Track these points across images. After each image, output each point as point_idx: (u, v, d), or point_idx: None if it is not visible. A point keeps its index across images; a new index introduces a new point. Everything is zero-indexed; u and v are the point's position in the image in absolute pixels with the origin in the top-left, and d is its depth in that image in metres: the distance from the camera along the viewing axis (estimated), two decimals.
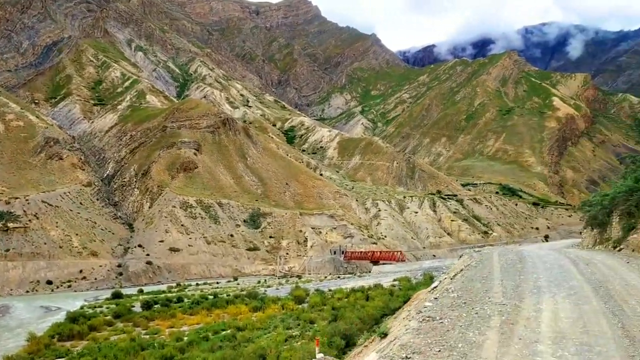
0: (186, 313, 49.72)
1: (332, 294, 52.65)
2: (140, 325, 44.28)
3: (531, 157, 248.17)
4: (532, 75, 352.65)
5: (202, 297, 61.18)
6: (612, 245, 24.76)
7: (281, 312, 43.99)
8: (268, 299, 51.98)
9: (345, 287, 58.60)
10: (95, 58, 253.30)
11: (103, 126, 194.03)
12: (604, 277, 15.26)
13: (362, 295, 47.13)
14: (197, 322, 44.11)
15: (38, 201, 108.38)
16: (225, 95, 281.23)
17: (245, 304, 50.86)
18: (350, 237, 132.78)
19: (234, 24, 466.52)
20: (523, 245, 55.91)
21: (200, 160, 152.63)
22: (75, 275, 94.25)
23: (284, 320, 38.71)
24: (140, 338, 36.98)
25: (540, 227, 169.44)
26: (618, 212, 25.51)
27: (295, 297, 51.83)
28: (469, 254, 26.76)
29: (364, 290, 51.13)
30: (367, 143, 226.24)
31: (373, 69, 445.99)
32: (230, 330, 37.04)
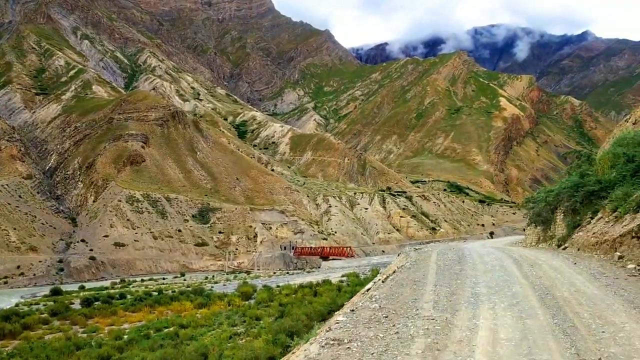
0: (128, 310, 48.07)
1: (279, 290, 52.07)
2: (79, 323, 42.47)
3: (478, 155, 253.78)
4: (481, 76, 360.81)
5: (146, 293, 59.40)
6: (557, 243, 23.83)
7: (227, 309, 43.13)
8: (214, 295, 50.96)
9: (293, 283, 58.11)
10: (37, 45, 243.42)
11: (46, 117, 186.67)
12: (551, 281, 13.81)
13: (310, 291, 46.75)
14: (139, 320, 42.64)
15: None
16: (175, 87, 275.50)
17: (190, 301, 49.62)
18: (300, 232, 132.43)
19: (186, 15, 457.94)
20: (468, 242, 52.47)
21: (148, 154, 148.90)
22: (13, 271, 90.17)
23: (229, 317, 37.91)
24: (77, 337, 35.41)
25: (486, 224, 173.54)
26: (562, 208, 24.72)
27: (242, 294, 51.00)
28: (406, 253, 25.56)
29: (312, 286, 50.74)
30: (319, 139, 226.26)
31: (326, 65, 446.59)
32: (173, 328, 35.95)
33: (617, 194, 18.28)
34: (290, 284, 55.09)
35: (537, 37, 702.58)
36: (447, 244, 44.47)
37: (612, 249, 16.27)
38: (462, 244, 45.49)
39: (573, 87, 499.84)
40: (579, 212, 22.44)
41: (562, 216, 24.77)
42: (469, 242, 50.55)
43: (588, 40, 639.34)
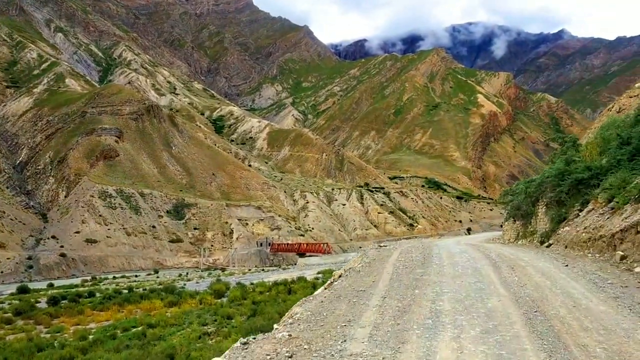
0: (96, 309, 46.30)
1: (253, 287, 50.83)
2: (43, 323, 40.67)
3: (456, 151, 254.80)
4: (459, 73, 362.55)
5: (116, 291, 57.60)
6: (539, 239, 21.98)
7: (198, 307, 41.83)
8: (186, 293, 49.41)
9: (267, 280, 56.96)
10: (9, 37, 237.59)
11: (17, 110, 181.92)
12: (539, 291, 10.45)
13: (285, 288, 45.77)
14: (106, 319, 41.00)
15: None
16: (151, 81, 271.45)
17: (160, 299, 48.06)
18: (277, 229, 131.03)
19: (162, 9, 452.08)
20: (442, 239, 49.43)
21: (122, 148, 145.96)
22: None
23: (200, 315, 36.69)
24: (40, 337, 33.75)
25: (464, 220, 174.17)
26: (545, 200, 22.69)
27: (215, 291, 49.70)
28: (364, 251, 23.06)
29: (287, 283, 49.67)
30: (296, 134, 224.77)
31: (304, 61, 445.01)
32: (141, 328, 34.48)
33: (612, 181, 15.98)
34: (264, 282, 53.92)
35: (514, 35, 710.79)
36: (420, 241, 42.74)
37: (610, 247, 13.77)
38: (435, 241, 43.19)
39: (549, 85, 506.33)
40: (564, 204, 20.17)
41: (545, 209, 22.57)
42: (444, 239, 48.94)
43: (564, 38, 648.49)
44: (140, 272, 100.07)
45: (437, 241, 39.01)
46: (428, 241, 38.32)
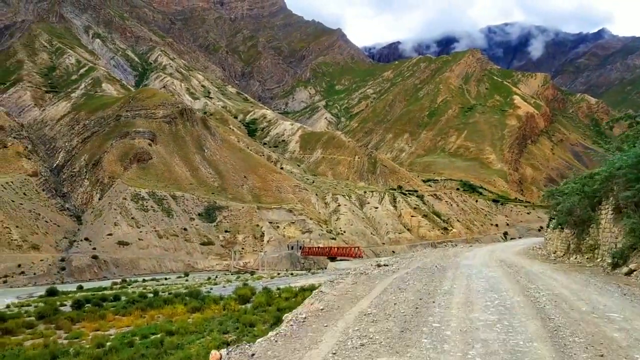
0: (119, 313, 45.62)
1: (279, 293, 49.34)
2: (64, 327, 40.07)
3: (492, 154, 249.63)
4: (494, 74, 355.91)
5: (141, 295, 56.93)
6: (609, 260, 15.62)
7: (222, 314, 40.55)
8: (210, 298, 48.27)
9: (295, 285, 55.50)
10: (49, 44, 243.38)
11: (55, 114, 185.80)
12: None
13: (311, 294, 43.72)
14: (127, 325, 40.11)
15: None
16: (185, 85, 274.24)
17: (184, 304, 47.09)
18: (308, 232, 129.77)
19: (198, 14, 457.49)
20: (473, 248, 42.88)
21: (155, 151, 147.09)
22: (13, 269, 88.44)
23: (222, 323, 35.27)
24: (56, 344, 32.96)
25: (500, 224, 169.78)
26: (615, 202, 16.68)
27: (240, 297, 48.47)
28: (330, 283, 16.29)
29: (314, 289, 47.62)
30: (329, 137, 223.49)
31: (338, 64, 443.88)
32: (160, 335, 33.24)
33: None
34: (291, 287, 52.43)
35: (552, 36, 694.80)
36: (443, 251, 36.91)
37: None
38: (464, 251, 37.98)
39: (589, 86, 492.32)
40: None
41: (613, 215, 16.79)
42: (475, 248, 41.57)
43: (604, 38, 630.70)
44: (170, 275, 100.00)
45: (466, 252, 34.91)
46: (452, 253, 32.47)
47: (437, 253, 33.80)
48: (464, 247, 50.08)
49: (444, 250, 41.85)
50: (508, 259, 23.80)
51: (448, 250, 40.82)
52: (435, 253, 33.34)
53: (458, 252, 32.89)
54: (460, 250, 37.86)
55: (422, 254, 34.24)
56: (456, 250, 39.46)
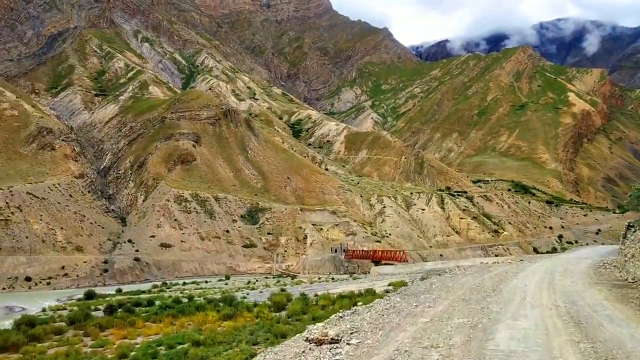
0: (149, 320, 43.76)
1: (316, 300, 46.51)
2: (91, 334, 38.36)
3: (545, 153, 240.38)
4: (547, 70, 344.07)
5: (176, 300, 55.17)
6: None
7: (254, 322, 38.03)
8: (243, 305, 45.81)
9: (334, 291, 52.65)
10: (99, 48, 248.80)
11: (103, 117, 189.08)
12: None
13: (349, 302, 41.18)
14: (155, 333, 38.11)
15: (23, 193, 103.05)
16: (231, 87, 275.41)
17: (217, 311, 44.83)
18: (352, 234, 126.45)
19: (244, 17, 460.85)
20: (525, 265, 37.06)
21: (199, 153, 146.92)
22: (57, 271, 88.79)
23: (252, 332, 32.82)
24: (79, 353, 31.15)
25: (554, 227, 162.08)
26: None
27: (275, 304, 45.97)
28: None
29: (353, 296, 45.07)
30: (374, 137, 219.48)
31: (384, 63, 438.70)
32: (186, 345, 30.98)
33: None
34: (329, 293, 49.61)
35: (608, 30, 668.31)
36: (483, 273, 31.10)
37: None
38: (513, 266, 33.31)
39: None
40: None
41: None
42: (527, 266, 35.12)
43: None
44: (212, 278, 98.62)
45: (516, 275, 28.64)
46: (502, 271, 27.92)
47: (477, 278, 27.23)
48: (513, 261, 43.91)
49: (487, 270, 34.20)
50: (578, 297, 18.84)
51: (493, 268, 34.52)
52: (475, 277, 27.36)
53: (504, 275, 27.19)
54: (509, 270, 31.66)
55: (461, 272, 30.63)
56: (503, 272, 31.64)
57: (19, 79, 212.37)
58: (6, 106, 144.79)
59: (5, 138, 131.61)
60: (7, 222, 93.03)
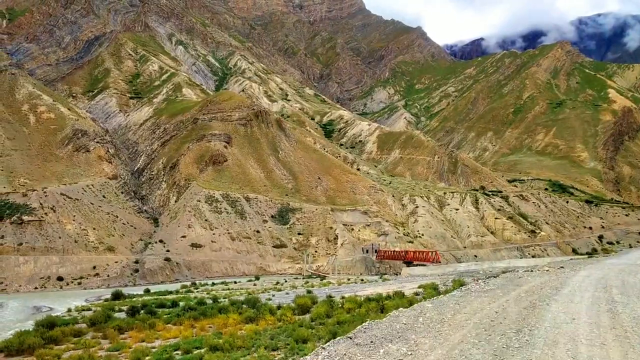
0: (171, 322, 43.05)
1: (342, 302, 45.07)
2: (110, 337, 37.75)
3: (584, 152, 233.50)
4: (586, 67, 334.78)
5: (200, 302, 54.45)
6: None
7: (276, 326, 36.82)
8: (265, 308, 44.70)
9: (361, 293, 51.12)
10: (134, 52, 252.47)
11: (138, 119, 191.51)
12: None
13: (377, 305, 39.62)
14: (174, 336, 37.26)
15: (57, 194, 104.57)
16: (263, 88, 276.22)
17: (239, 313, 43.82)
18: (384, 234, 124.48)
19: (277, 19, 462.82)
20: (566, 273, 30.12)
21: (230, 153, 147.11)
22: (88, 271, 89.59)
23: (273, 337, 31.58)
24: (93, 358, 30.46)
25: (594, 227, 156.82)
26: None
27: (299, 306, 44.71)
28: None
29: (381, 299, 43.47)
30: (407, 137, 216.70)
31: (418, 63, 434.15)
32: (204, 350, 29.98)
33: None
34: (357, 296, 48.10)
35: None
36: (529, 284, 24.87)
37: None
38: (565, 276, 26.41)
39: None
40: None
41: None
42: (568, 277, 27.74)
43: None
44: (242, 278, 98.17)
45: (568, 281, 23.92)
46: (532, 291, 21.45)
47: (497, 299, 20.00)
48: (551, 268, 35.10)
49: (515, 283, 26.01)
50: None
51: (525, 279, 27.06)
52: (496, 296, 20.40)
53: (538, 293, 20.33)
54: (545, 283, 24.38)
55: (478, 288, 23.71)
56: (538, 286, 23.62)
57: (57, 83, 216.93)
58: (43, 109, 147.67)
59: (42, 141, 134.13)
60: (41, 222, 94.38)
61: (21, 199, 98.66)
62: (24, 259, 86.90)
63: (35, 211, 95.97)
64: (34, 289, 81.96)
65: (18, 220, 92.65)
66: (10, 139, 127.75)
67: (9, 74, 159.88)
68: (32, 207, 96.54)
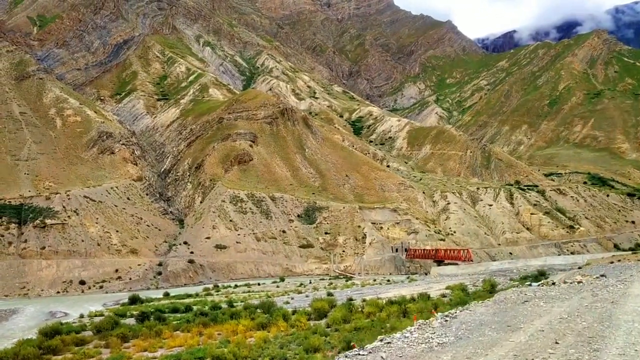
0: (179, 328, 40.42)
1: (362, 306, 41.82)
2: (112, 346, 35.24)
3: (624, 143, 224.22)
4: (625, 55, 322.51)
5: (214, 306, 51.87)
6: None
7: (288, 332, 33.83)
8: (280, 312, 41.62)
9: (384, 295, 47.85)
10: (161, 54, 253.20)
11: (165, 121, 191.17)
12: None
13: (399, 309, 36.39)
14: (179, 344, 34.59)
15: (80, 196, 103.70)
16: (291, 87, 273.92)
17: (251, 318, 40.87)
18: (414, 233, 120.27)
19: (305, 17, 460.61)
20: (619, 285, 23.93)
21: (256, 152, 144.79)
22: (111, 274, 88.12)
23: (283, 346, 28.69)
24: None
25: (637, 221, 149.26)
26: None
27: (315, 310, 41.68)
28: None
29: (404, 302, 40.12)
30: (438, 132, 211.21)
31: (448, 57, 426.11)
32: None
33: None
34: (379, 298, 44.81)
35: None
36: (546, 317, 16.73)
37: None
38: (609, 292, 19.78)
39: None
40: None
41: None
42: (632, 282, 23.59)
43: None
44: (267, 280, 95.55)
45: (619, 304, 17.25)
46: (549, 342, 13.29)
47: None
48: (585, 276, 28.35)
49: (520, 314, 17.75)
50: None
51: (540, 303, 19.96)
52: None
53: (562, 340, 13.04)
54: (573, 313, 16.80)
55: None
56: (561, 323, 15.42)
57: (85, 87, 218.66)
58: (70, 113, 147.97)
59: (68, 144, 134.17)
60: (64, 225, 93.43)
61: (44, 202, 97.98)
62: (46, 262, 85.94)
63: (59, 214, 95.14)
64: (56, 293, 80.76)
65: (41, 223, 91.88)
66: (36, 143, 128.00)
67: (36, 79, 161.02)
68: (55, 210, 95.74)
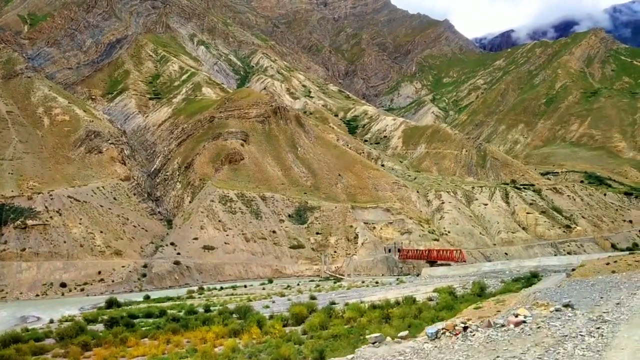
0: (147, 336, 37.94)
1: (344, 310, 39.54)
2: (72, 356, 32.76)
3: (621, 141, 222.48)
4: (622, 53, 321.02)
5: (191, 311, 49.46)
6: None
7: (261, 340, 31.52)
8: (255, 317, 39.11)
9: (368, 299, 45.52)
10: (154, 53, 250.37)
11: (157, 120, 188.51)
12: None
13: (381, 314, 34.25)
14: (142, 353, 32.14)
15: (63, 196, 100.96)
16: (286, 86, 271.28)
17: (225, 325, 38.47)
18: (407, 233, 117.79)
19: (301, 16, 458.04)
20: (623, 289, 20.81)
21: (247, 151, 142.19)
22: (93, 277, 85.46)
23: (251, 356, 26.42)
24: None
25: (634, 220, 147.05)
26: None
27: (293, 315, 39.42)
28: None
29: (387, 306, 37.91)
30: (433, 131, 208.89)
31: (445, 56, 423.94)
32: None
33: None
34: (362, 302, 42.47)
35: None
36: None
37: None
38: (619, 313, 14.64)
39: None
40: None
41: None
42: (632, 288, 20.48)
43: None
44: (255, 281, 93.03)
45: None
46: None
47: None
48: (560, 305, 19.77)
49: None
50: None
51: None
52: None
53: None
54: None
55: None
56: None
57: (76, 86, 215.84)
58: (58, 111, 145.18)
59: (55, 143, 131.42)
60: (46, 226, 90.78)
61: (26, 202, 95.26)
62: (26, 264, 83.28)
63: (40, 215, 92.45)
64: (35, 296, 78.11)
65: (22, 224, 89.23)
66: (22, 142, 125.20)
67: (24, 77, 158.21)
68: (37, 210, 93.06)
